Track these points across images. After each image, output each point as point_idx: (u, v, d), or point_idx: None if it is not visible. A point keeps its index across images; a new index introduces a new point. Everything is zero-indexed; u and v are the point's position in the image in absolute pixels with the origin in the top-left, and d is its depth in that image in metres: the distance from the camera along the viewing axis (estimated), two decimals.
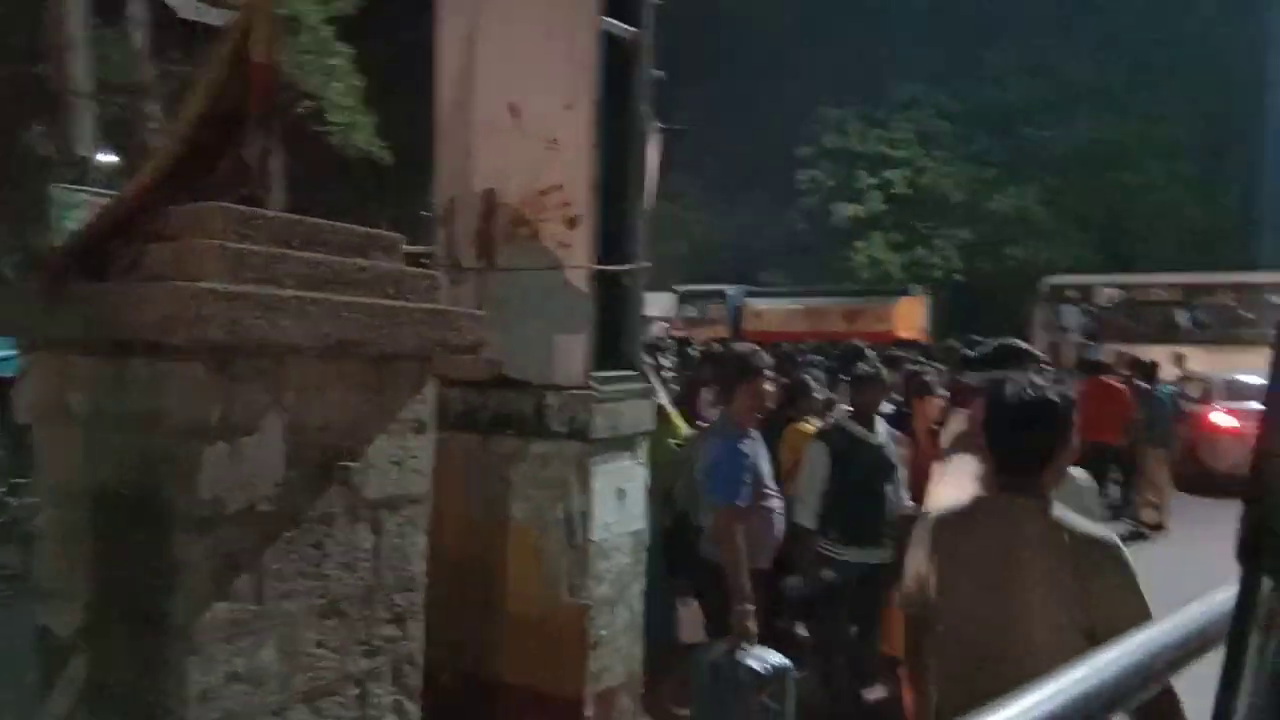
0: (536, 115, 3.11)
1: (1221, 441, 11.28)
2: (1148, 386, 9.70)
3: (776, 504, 4.21)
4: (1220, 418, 11.63)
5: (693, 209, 43.83)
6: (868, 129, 34.39)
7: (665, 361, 7.43)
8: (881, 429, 4.55)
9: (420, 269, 2.73)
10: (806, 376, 5.95)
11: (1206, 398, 12.32)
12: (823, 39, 36.79)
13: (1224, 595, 0.92)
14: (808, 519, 4.29)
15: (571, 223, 3.03)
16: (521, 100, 3.14)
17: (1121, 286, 20.77)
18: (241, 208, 2.18)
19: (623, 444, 3.11)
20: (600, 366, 3.12)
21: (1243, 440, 10.85)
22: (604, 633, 3.06)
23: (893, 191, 33.35)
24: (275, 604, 2.05)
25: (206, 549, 1.94)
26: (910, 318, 21.16)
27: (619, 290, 3.24)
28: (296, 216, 2.33)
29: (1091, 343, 15.83)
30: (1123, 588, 2.00)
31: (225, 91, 2.38)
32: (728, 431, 4.01)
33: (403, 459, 2.34)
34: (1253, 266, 19.90)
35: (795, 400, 5.52)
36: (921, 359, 8.61)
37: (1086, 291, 20.69)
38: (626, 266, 3.22)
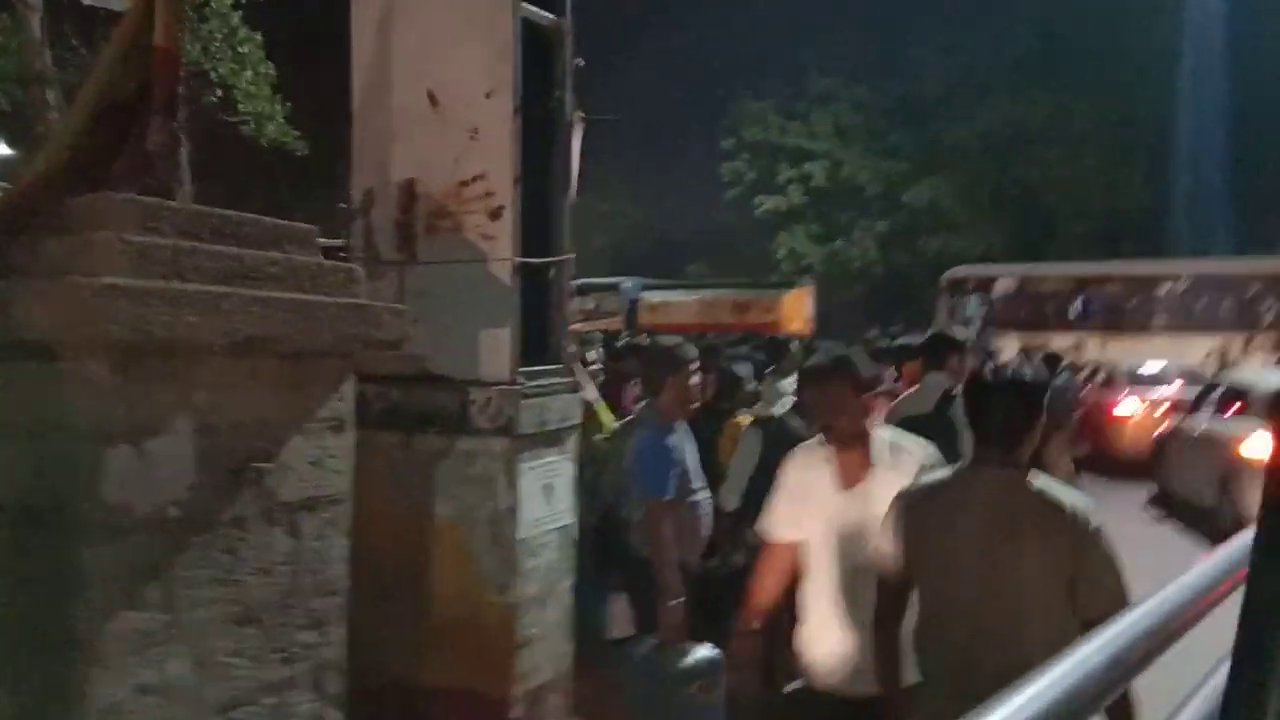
0: (456, 103, 3.05)
1: (1123, 426, 11.74)
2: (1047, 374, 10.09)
3: (704, 497, 4.22)
4: (1125, 405, 12.07)
5: (616, 201, 43.86)
6: (787, 122, 34.83)
7: (591, 355, 7.40)
8: None
9: (337, 262, 2.65)
10: (737, 369, 5.99)
11: (1108, 384, 12.84)
12: (742, 31, 37.16)
13: (1176, 589, 1.00)
14: (730, 501, 4.30)
15: (494, 214, 2.97)
16: (441, 88, 3.07)
17: (1017, 277, 21.42)
18: (146, 199, 2.07)
19: (550, 439, 3.08)
20: (526, 361, 3.08)
21: (1144, 426, 11.35)
22: (533, 631, 3.03)
23: (812, 184, 33.86)
24: (186, 613, 1.96)
25: (112, 557, 1.84)
26: (796, 310, 21.66)
27: (545, 283, 3.20)
28: (205, 208, 2.23)
29: (990, 330, 16.31)
30: (1108, 557, 2.19)
31: (125, 79, 2.26)
32: (654, 424, 3.99)
33: (321, 459, 2.26)
34: (1160, 253, 20.68)
35: (729, 393, 5.55)
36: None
37: (985, 282, 21.31)
38: (552, 258, 3.18)
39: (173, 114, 2.28)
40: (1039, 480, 2.27)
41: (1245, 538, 1.18)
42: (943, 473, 2.49)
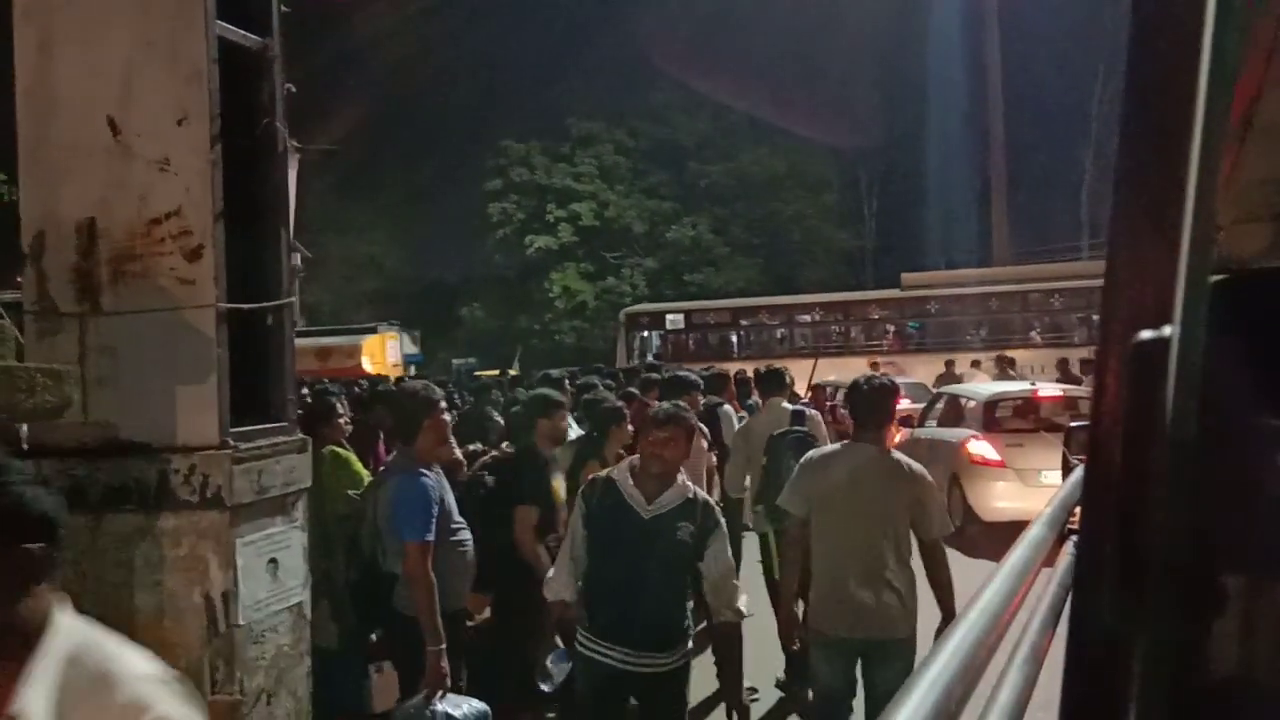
0: (141, 132, 2.66)
1: None
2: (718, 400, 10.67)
3: (466, 538, 3.99)
4: None
5: (382, 244, 42.41)
6: (553, 163, 35.31)
7: (340, 407, 6.87)
8: None
9: None
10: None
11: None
12: (500, 75, 37.34)
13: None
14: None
15: (192, 255, 2.60)
16: (122, 116, 2.67)
17: (684, 312, 23.87)
18: None
19: (273, 507, 2.72)
20: (242, 420, 2.72)
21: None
22: None
23: (581, 224, 34.45)
24: None
25: None
26: (378, 354, 22.04)
27: (262, 331, 2.85)
28: None
29: (659, 363, 17.48)
30: (933, 493, 3.70)
31: None
32: (408, 468, 3.77)
33: None
34: (893, 283, 23.03)
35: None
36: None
37: (658, 318, 23.49)
38: (268, 304, 2.84)
39: None
40: (893, 452, 3.71)
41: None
42: (834, 446, 3.98)
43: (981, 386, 10.96)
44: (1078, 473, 2.16)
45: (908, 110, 31.55)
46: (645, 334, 23.18)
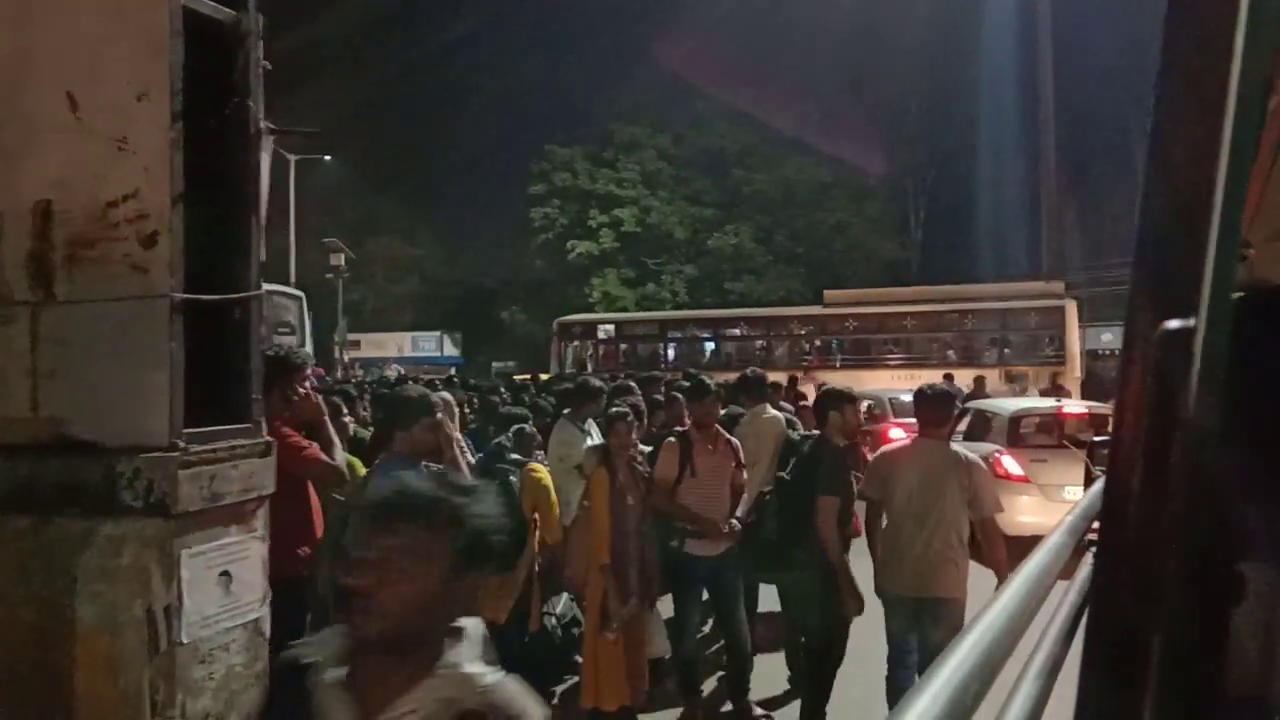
0: (101, 108, 2.48)
1: None
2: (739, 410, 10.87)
3: None
4: (895, 431, 12.86)
5: (425, 247, 42.72)
6: (596, 169, 35.24)
7: (362, 409, 6.73)
8: None
9: None
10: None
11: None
12: (546, 81, 37.40)
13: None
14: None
15: (148, 241, 2.42)
16: (83, 90, 2.50)
17: (615, 323, 24.57)
18: None
19: (227, 515, 2.51)
20: (201, 420, 2.52)
21: None
22: None
23: (623, 229, 34.33)
24: None
25: None
26: None
27: (228, 325, 2.66)
28: None
29: (588, 373, 17.92)
30: (985, 478, 4.48)
31: None
32: (393, 464, 3.61)
33: None
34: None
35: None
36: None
37: (589, 328, 23.94)
38: (233, 295, 2.64)
39: None
40: (955, 446, 4.56)
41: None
42: (904, 442, 4.93)
43: (1007, 402, 11.00)
44: (1099, 484, 2.23)
45: (958, 120, 30.95)
46: (578, 343, 23.58)
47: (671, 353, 22.86)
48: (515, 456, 4.78)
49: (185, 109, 2.49)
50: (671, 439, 5.19)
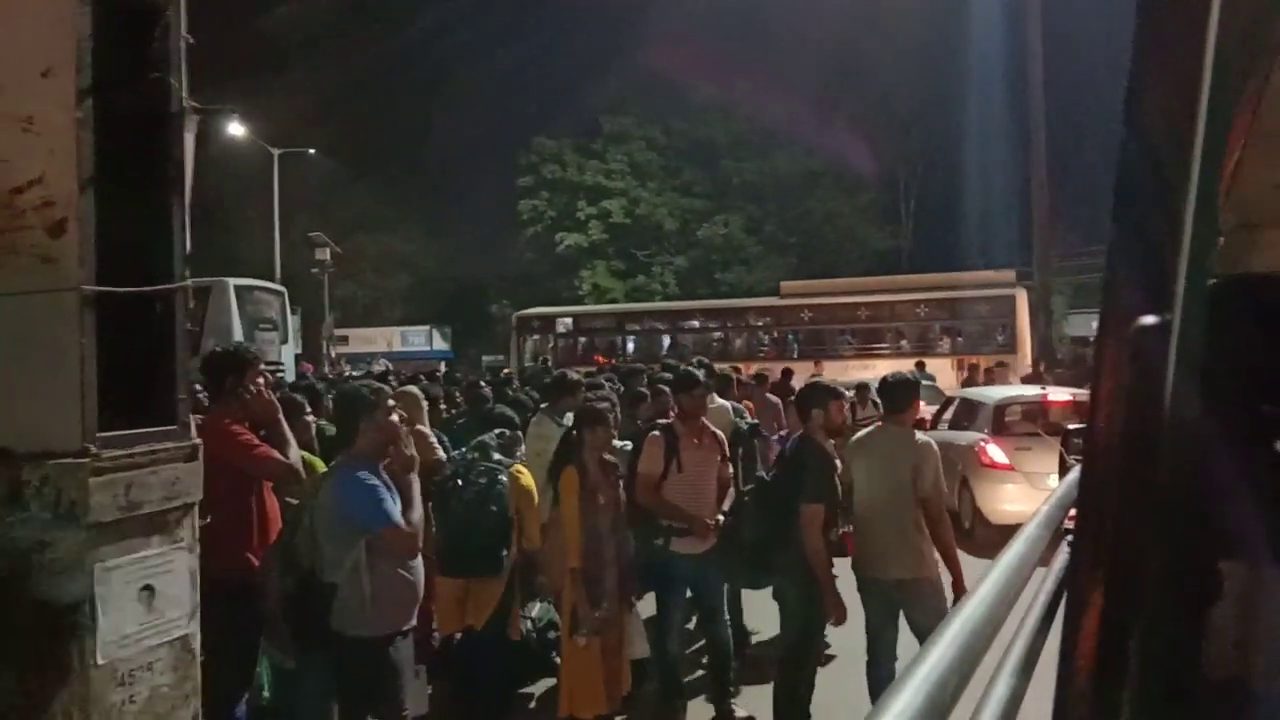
0: (8, 86, 2.29)
1: None
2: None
3: (415, 562, 3.61)
4: None
5: (415, 242, 42.42)
6: (584, 160, 34.98)
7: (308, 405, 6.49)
8: None
9: None
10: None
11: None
12: (532, 73, 37.10)
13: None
14: None
15: (55, 229, 2.23)
16: None
17: (573, 316, 24.63)
18: None
19: (148, 526, 2.33)
20: (122, 423, 2.33)
21: None
22: None
23: (612, 221, 34.10)
24: None
25: None
26: None
27: (152, 320, 2.47)
28: None
29: (547, 366, 17.83)
30: (929, 459, 4.43)
31: None
32: (349, 465, 3.47)
33: None
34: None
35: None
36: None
37: (548, 322, 24.06)
38: (155, 287, 2.45)
39: None
40: (916, 432, 4.60)
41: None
42: (872, 428, 4.85)
43: (992, 390, 10.94)
44: (1074, 473, 2.20)
45: (949, 109, 30.75)
46: (537, 337, 23.67)
47: (630, 345, 23.00)
48: (499, 458, 4.60)
49: (99, 86, 2.30)
50: (656, 433, 5.02)
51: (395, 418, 3.49)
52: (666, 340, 23.03)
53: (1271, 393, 0.93)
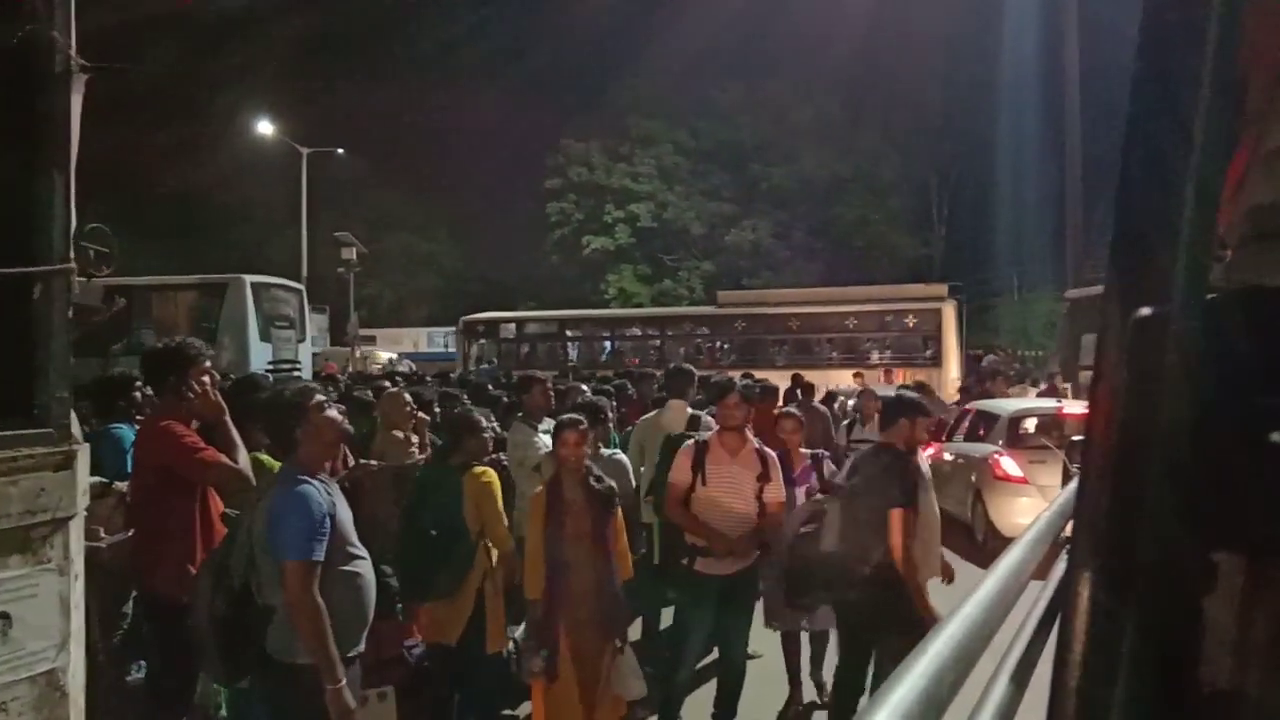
0: None
1: None
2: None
3: (365, 568, 3.28)
4: None
5: (442, 243, 42.41)
6: (612, 163, 34.74)
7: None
8: None
9: None
10: (474, 413, 5.06)
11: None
12: (561, 74, 36.94)
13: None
14: None
15: None
16: None
17: (516, 322, 24.75)
18: None
19: (6, 544, 2.02)
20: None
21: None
22: None
23: (639, 225, 33.82)
24: None
25: None
26: None
27: (23, 307, 2.17)
28: None
29: (492, 370, 17.73)
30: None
31: None
32: (289, 478, 3.14)
33: None
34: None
35: (461, 441, 4.65)
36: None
37: (493, 326, 24.05)
38: (30, 269, 2.15)
39: None
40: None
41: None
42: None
43: (1006, 403, 10.82)
44: (1075, 483, 2.09)
45: (983, 113, 30.10)
46: (483, 341, 23.68)
47: (573, 351, 23.18)
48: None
49: None
50: (689, 443, 4.74)
51: (333, 412, 3.18)
52: (608, 346, 23.42)
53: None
